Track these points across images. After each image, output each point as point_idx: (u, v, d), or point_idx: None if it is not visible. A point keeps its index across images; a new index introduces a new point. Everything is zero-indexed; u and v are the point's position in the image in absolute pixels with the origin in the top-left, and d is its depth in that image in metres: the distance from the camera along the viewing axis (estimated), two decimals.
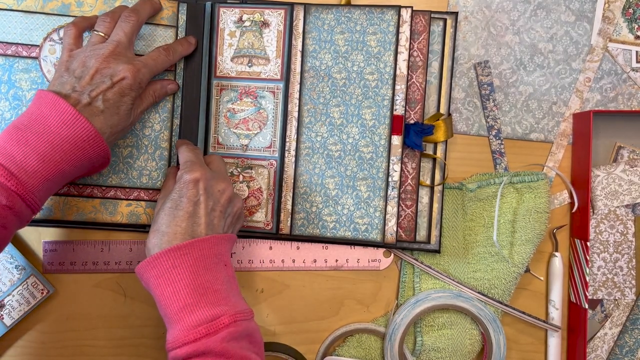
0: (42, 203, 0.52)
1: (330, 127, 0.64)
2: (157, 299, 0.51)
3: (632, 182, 0.66)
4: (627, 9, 0.68)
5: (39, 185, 0.50)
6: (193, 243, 0.52)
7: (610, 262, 0.67)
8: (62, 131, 0.51)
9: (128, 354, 0.66)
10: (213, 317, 0.49)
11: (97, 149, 0.53)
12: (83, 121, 0.52)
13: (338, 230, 0.64)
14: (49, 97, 0.52)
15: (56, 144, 0.51)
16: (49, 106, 0.52)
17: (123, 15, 0.58)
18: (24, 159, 0.49)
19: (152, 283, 0.51)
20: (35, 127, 0.51)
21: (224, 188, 0.56)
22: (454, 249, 0.67)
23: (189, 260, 0.51)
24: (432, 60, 0.65)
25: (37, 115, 0.52)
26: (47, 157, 0.50)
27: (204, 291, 0.50)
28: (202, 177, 0.55)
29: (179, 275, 0.50)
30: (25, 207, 0.50)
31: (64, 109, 0.51)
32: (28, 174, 0.49)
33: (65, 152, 0.51)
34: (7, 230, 0.50)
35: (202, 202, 0.54)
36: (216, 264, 0.53)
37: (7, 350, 0.65)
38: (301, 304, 0.68)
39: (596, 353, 0.68)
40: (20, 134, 0.50)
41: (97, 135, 0.53)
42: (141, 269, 0.52)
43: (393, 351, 0.65)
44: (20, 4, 0.62)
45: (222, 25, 0.64)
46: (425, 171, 0.66)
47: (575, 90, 0.68)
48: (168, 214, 0.53)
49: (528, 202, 0.66)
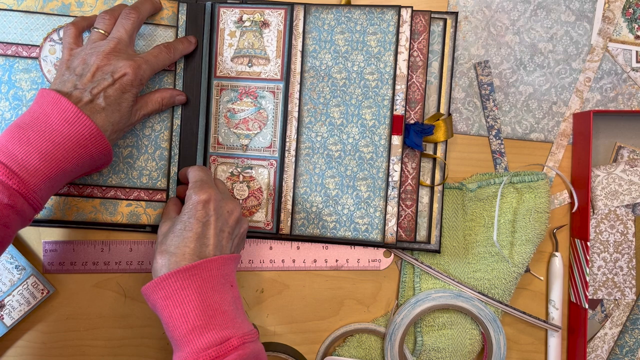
0: (44, 202, 0.52)
1: (330, 127, 0.64)
2: (164, 320, 0.51)
3: (632, 182, 0.66)
4: (627, 9, 0.68)
5: (40, 183, 0.50)
6: (201, 264, 0.51)
7: (610, 262, 0.67)
8: (64, 129, 0.51)
9: (128, 354, 0.66)
10: (222, 340, 0.49)
11: (99, 146, 0.53)
12: (85, 119, 0.52)
13: (338, 230, 0.64)
14: (51, 95, 0.52)
15: (58, 142, 0.51)
16: (51, 104, 0.52)
17: (123, 12, 0.58)
18: (26, 158, 0.49)
19: (159, 304, 0.51)
20: (37, 125, 0.51)
21: (233, 209, 0.56)
22: (454, 249, 0.67)
23: (198, 281, 0.51)
24: (432, 60, 0.65)
25: (39, 114, 0.52)
26: (49, 155, 0.50)
27: (213, 313, 0.50)
28: (212, 198, 0.55)
29: (187, 297, 0.50)
30: (27, 206, 0.50)
31: (66, 107, 0.51)
32: (30, 172, 0.49)
33: (67, 151, 0.51)
34: (9, 229, 0.50)
35: (212, 222, 0.54)
36: (223, 284, 0.52)
37: (7, 350, 0.65)
38: (301, 304, 0.68)
39: (596, 353, 0.68)
40: (22, 133, 0.50)
41: (99, 133, 0.53)
42: (148, 289, 0.52)
43: (393, 351, 0.65)
44: (20, 4, 0.62)
45: (222, 25, 0.64)
46: (425, 171, 0.66)
47: (575, 90, 0.68)
48: (177, 235, 0.53)
49: (528, 202, 0.66)
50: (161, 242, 0.54)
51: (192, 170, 0.59)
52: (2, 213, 0.49)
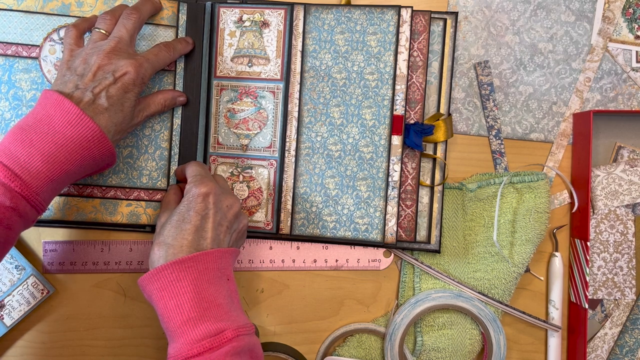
0: (47, 204, 0.52)
1: (330, 127, 0.64)
2: (159, 311, 0.51)
3: (632, 182, 0.66)
4: (627, 9, 0.68)
5: (43, 186, 0.50)
6: (198, 256, 0.51)
7: (610, 262, 0.67)
8: (66, 131, 0.51)
9: (128, 354, 0.66)
10: (217, 332, 0.49)
11: (102, 148, 0.53)
12: (88, 121, 0.51)
13: (338, 230, 0.64)
14: (54, 96, 0.52)
15: (61, 144, 0.51)
16: (54, 106, 0.52)
17: (125, 12, 0.58)
18: (28, 160, 0.49)
19: (155, 295, 0.51)
20: (40, 127, 0.51)
21: (232, 203, 0.57)
22: (454, 249, 0.67)
23: (194, 273, 0.51)
24: (432, 60, 0.65)
25: (42, 116, 0.52)
26: (51, 157, 0.50)
27: (208, 305, 0.50)
28: (211, 191, 0.55)
29: (183, 288, 0.50)
30: (30, 208, 0.50)
31: (69, 109, 0.51)
32: (32, 175, 0.49)
33: (70, 152, 0.51)
34: (12, 231, 0.50)
35: (211, 216, 0.54)
36: (219, 277, 0.53)
37: (7, 350, 0.65)
38: (301, 304, 0.68)
39: (596, 353, 0.68)
40: (25, 135, 0.50)
41: (102, 135, 0.53)
42: (144, 281, 0.52)
43: (393, 351, 0.65)
44: (20, 4, 0.62)
45: (222, 25, 0.64)
46: (425, 171, 0.66)
47: (575, 90, 0.68)
48: (175, 227, 0.53)
49: (528, 202, 0.66)
50: (159, 232, 0.54)
51: (189, 165, 0.59)
52: (5, 215, 0.48)
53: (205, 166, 0.60)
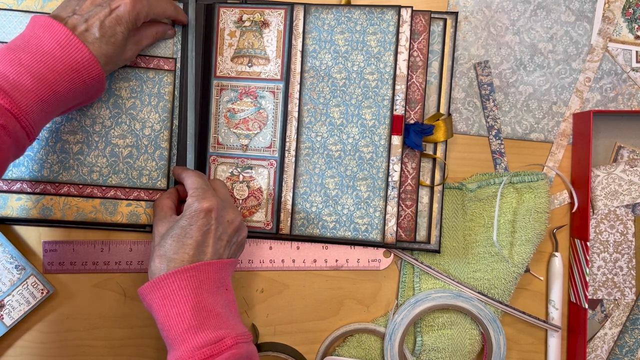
0: (37, 128, 0.51)
1: (330, 127, 0.64)
2: (159, 320, 0.52)
3: (632, 182, 0.66)
4: (627, 9, 0.68)
5: (33, 105, 0.49)
6: (199, 266, 0.52)
7: (610, 262, 0.67)
8: (56, 52, 0.50)
9: (128, 354, 0.66)
10: (217, 339, 0.50)
11: (92, 72, 0.53)
12: (78, 42, 0.51)
13: (338, 230, 0.64)
14: (42, 19, 0.51)
15: (50, 65, 0.50)
16: (42, 28, 0.51)
17: None
18: (17, 78, 0.48)
19: (156, 304, 0.52)
20: (29, 48, 0.50)
21: (233, 218, 0.57)
22: (454, 249, 0.67)
23: (194, 282, 0.52)
24: (432, 60, 0.65)
25: (30, 37, 0.51)
26: (41, 76, 0.49)
27: (207, 314, 0.51)
28: (214, 207, 0.55)
29: (184, 297, 0.51)
30: (20, 129, 0.49)
31: (58, 30, 0.51)
32: (21, 92, 0.48)
33: (60, 74, 0.50)
34: (2, 152, 0.48)
35: (212, 230, 0.54)
36: (218, 287, 0.54)
37: (7, 350, 0.65)
38: (301, 304, 0.68)
39: (596, 353, 0.68)
40: (13, 55, 0.49)
41: (92, 58, 0.52)
42: (145, 290, 0.52)
43: (393, 351, 0.65)
44: (20, 4, 0.62)
45: (222, 25, 0.64)
46: (425, 171, 0.66)
47: (575, 90, 0.68)
48: (177, 241, 0.53)
49: (528, 202, 0.66)
50: (159, 244, 0.54)
51: (188, 175, 0.59)
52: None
53: (205, 176, 0.60)
